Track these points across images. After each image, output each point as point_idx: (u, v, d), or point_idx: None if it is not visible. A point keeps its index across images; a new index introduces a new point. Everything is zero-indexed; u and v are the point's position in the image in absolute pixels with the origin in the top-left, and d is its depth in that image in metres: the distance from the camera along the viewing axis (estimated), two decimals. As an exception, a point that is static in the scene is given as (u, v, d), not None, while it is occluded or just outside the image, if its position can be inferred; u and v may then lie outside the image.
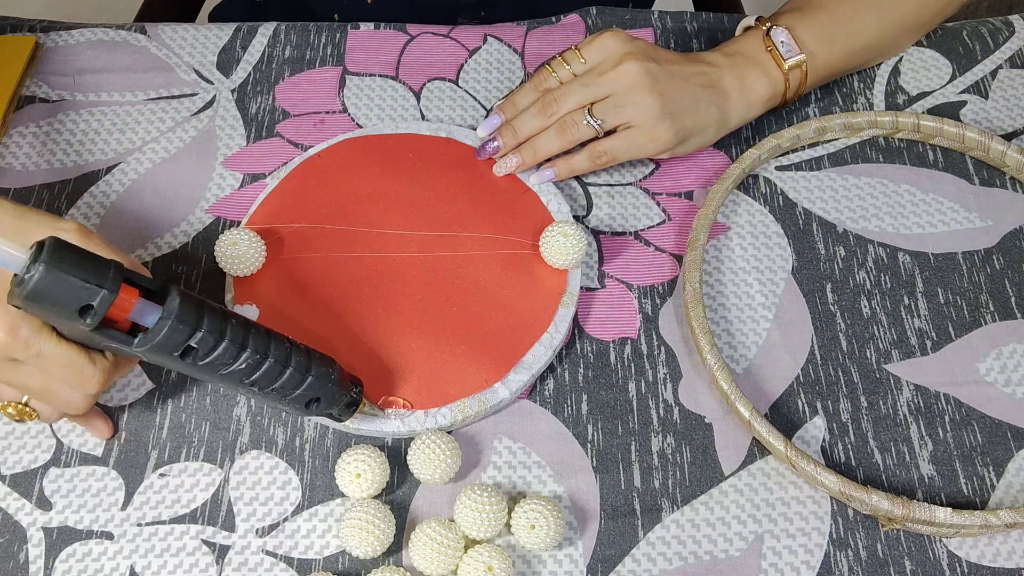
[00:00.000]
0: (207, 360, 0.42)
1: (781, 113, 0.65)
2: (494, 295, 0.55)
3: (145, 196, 0.61)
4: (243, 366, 0.43)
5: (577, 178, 0.62)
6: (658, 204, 0.61)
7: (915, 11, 0.63)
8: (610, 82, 0.57)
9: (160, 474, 0.51)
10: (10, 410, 0.47)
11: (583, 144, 0.59)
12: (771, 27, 0.60)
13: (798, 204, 0.62)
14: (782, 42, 0.60)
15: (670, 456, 0.52)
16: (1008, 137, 0.65)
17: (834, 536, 0.50)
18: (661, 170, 0.63)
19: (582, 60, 0.59)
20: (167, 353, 0.42)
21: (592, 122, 0.57)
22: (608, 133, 0.58)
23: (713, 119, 0.59)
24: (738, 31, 0.64)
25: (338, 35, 0.68)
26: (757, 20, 0.62)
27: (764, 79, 0.60)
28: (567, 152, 0.60)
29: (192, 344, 0.41)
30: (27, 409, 0.47)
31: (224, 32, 0.68)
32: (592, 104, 0.58)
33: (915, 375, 0.55)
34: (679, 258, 0.59)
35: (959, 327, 0.57)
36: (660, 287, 0.58)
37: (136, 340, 0.41)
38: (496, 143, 0.60)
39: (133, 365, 0.50)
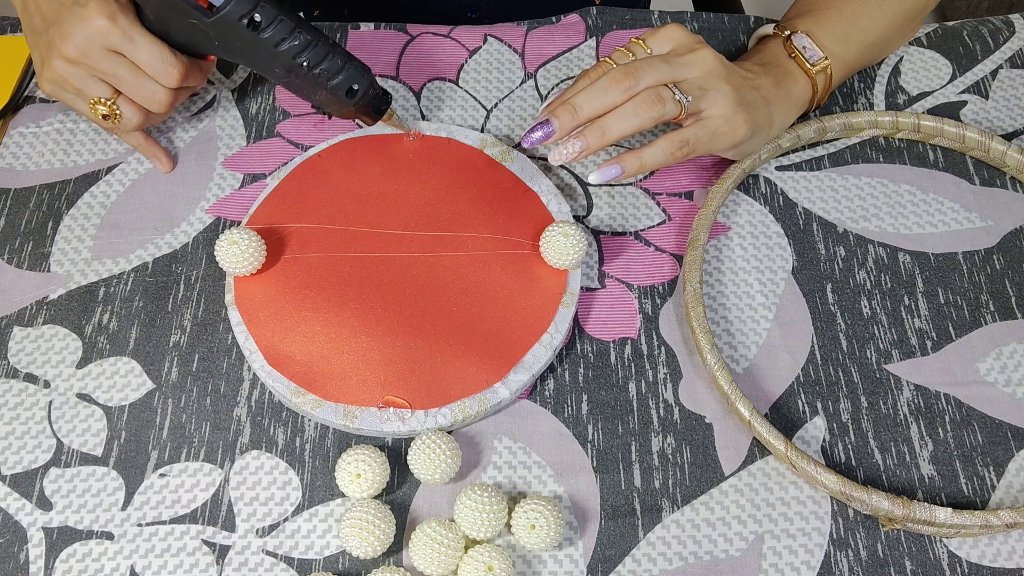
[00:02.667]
0: (267, 34, 0.51)
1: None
2: (494, 295, 0.55)
3: (145, 196, 0.61)
4: (296, 42, 0.51)
5: (577, 178, 0.62)
6: (658, 204, 0.61)
7: (907, 3, 0.63)
8: (690, 65, 0.53)
9: (160, 474, 0.51)
10: (101, 108, 0.56)
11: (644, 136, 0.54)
12: (792, 33, 0.60)
13: (798, 204, 0.62)
14: (805, 47, 0.59)
15: (670, 456, 0.52)
16: (1008, 137, 0.65)
17: (834, 536, 0.50)
18: (661, 170, 0.63)
19: (648, 50, 0.54)
20: (235, 21, 0.51)
21: (682, 98, 0.52)
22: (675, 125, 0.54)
23: (766, 121, 0.57)
24: (752, 42, 0.63)
25: (338, 35, 0.68)
26: (775, 28, 0.62)
27: (796, 85, 0.59)
28: (617, 149, 0.54)
29: (256, 18, 0.51)
30: (115, 109, 0.56)
31: (224, 32, 0.68)
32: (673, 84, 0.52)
33: (915, 375, 0.55)
34: (679, 258, 0.59)
35: (959, 327, 0.57)
36: (660, 287, 0.58)
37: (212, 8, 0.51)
38: (549, 127, 0.52)
39: (205, 75, 0.59)
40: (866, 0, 0.62)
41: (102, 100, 0.56)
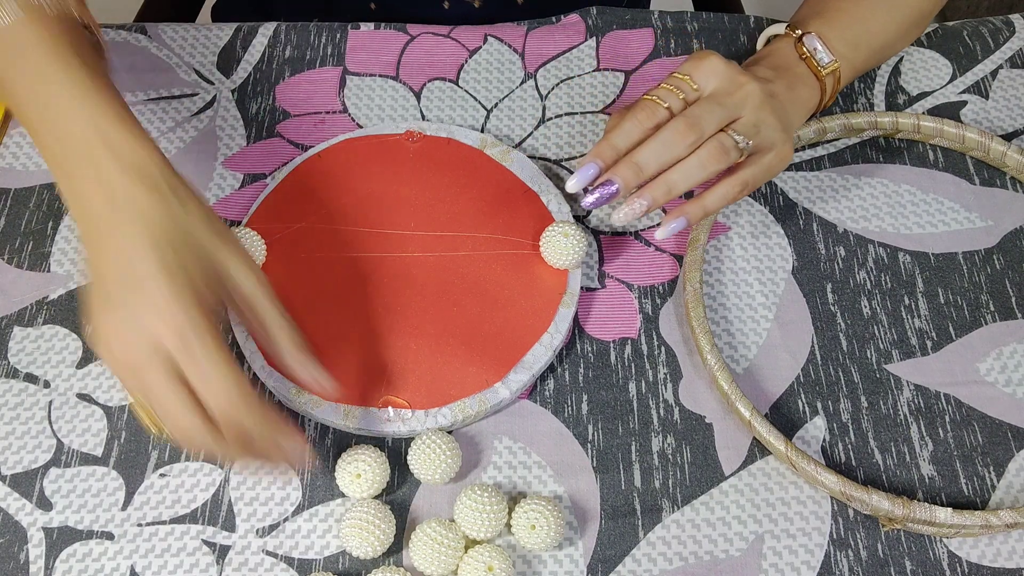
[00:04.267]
0: None
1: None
2: (494, 295, 0.55)
3: (145, 196, 0.61)
4: None
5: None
6: (658, 204, 0.61)
7: (919, 4, 0.63)
8: (741, 104, 0.52)
9: (160, 474, 0.51)
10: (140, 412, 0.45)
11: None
12: (803, 34, 0.59)
13: (798, 204, 0.62)
14: (816, 49, 0.58)
15: (670, 456, 0.52)
16: (1008, 137, 0.65)
17: (834, 536, 0.50)
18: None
19: (695, 87, 0.53)
20: None
21: (744, 143, 0.51)
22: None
23: (793, 130, 0.57)
24: (761, 41, 0.63)
25: (338, 35, 0.68)
26: (787, 28, 0.61)
27: (806, 88, 0.58)
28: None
29: None
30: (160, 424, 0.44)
31: (224, 32, 0.68)
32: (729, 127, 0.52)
33: (915, 375, 0.55)
34: (679, 258, 0.59)
35: (959, 327, 0.57)
36: (660, 287, 0.58)
37: None
38: (613, 186, 0.50)
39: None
40: (877, 4, 0.61)
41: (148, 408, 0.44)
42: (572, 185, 0.51)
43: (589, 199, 0.51)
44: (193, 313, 0.42)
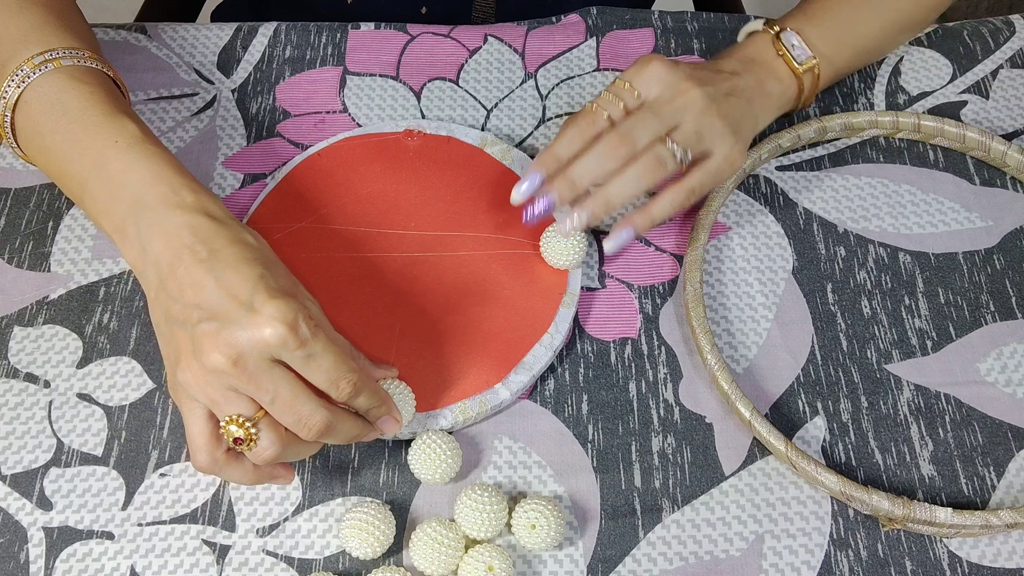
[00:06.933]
0: None
1: (782, 113, 0.65)
2: (494, 295, 0.55)
3: (145, 196, 0.61)
4: None
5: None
6: (658, 204, 0.61)
7: (910, 10, 0.63)
8: (681, 111, 0.52)
9: (161, 474, 0.51)
10: (235, 429, 0.43)
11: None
12: (780, 31, 0.59)
13: (798, 204, 0.62)
14: (793, 45, 0.58)
15: (670, 456, 0.52)
16: (1009, 137, 0.65)
17: (835, 536, 0.50)
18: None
19: (635, 93, 0.52)
20: None
21: (681, 154, 0.51)
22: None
23: (751, 125, 0.56)
24: (741, 36, 0.62)
25: (338, 35, 0.68)
26: (765, 24, 0.61)
27: (779, 84, 0.58)
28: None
29: None
30: (252, 432, 0.43)
31: (224, 32, 0.68)
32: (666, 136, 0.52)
33: (915, 375, 0.55)
34: (679, 258, 0.59)
35: (960, 327, 0.57)
36: (660, 287, 0.58)
37: None
38: (549, 200, 0.51)
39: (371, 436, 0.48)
40: (863, 5, 0.61)
41: (239, 420, 0.43)
42: (518, 197, 0.52)
43: (531, 212, 0.51)
44: (303, 313, 0.42)
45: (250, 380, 0.42)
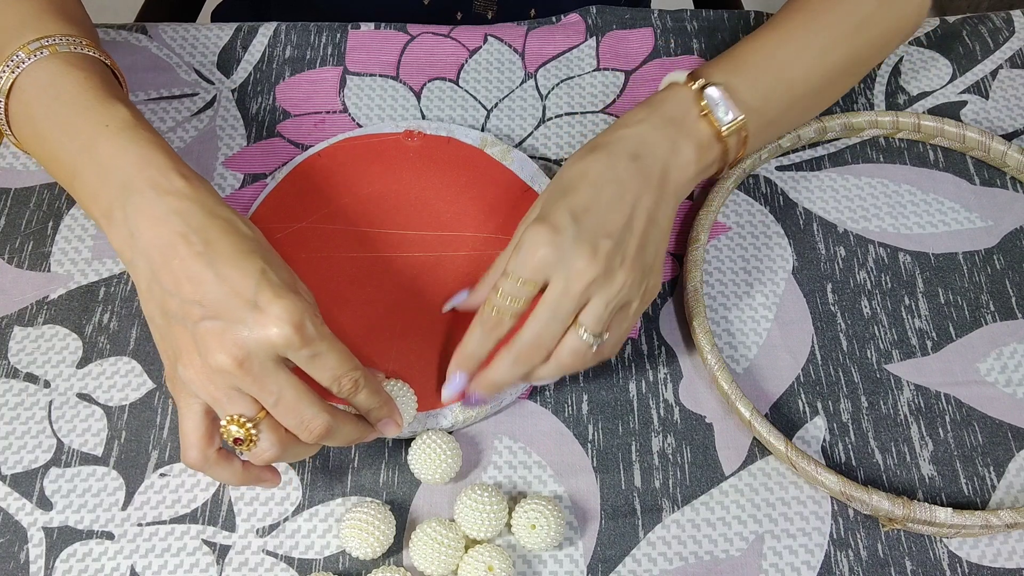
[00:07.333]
0: None
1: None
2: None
3: (145, 196, 0.61)
4: None
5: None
6: (658, 204, 0.61)
7: (849, 54, 0.56)
8: (583, 294, 0.47)
9: (161, 474, 0.51)
10: (235, 429, 0.42)
11: None
12: (705, 85, 0.51)
13: (798, 204, 0.62)
14: (717, 105, 0.51)
15: (670, 456, 0.52)
16: (1008, 137, 0.65)
17: (835, 536, 0.50)
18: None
19: (532, 287, 0.47)
20: None
21: (595, 341, 0.48)
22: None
23: (660, 252, 0.50)
24: (663, 84, 0.54)
25: (338, 35, 0.68)
26: (688, 76, 0.52)
27: (696, 151, 0.50)
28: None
29: None
30: (253, 433, 0.43)
31: (224, 32, 0.68)
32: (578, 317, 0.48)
33: (915, 375, 0.55)
34: (679, 258, 0.59)
35: (960, 327, 0.57)
36: (660, 287, 0.58)
37: None
38: (479, 397, 0.50)
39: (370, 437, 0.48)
40: (804, 48, 0.54)
41: (239, 419, 0.42)
42: (446, 397, 0.50)
43: (474, 399, 0.50)
44: (308, 312, 0.42)
45: (255, 381, 0.42)
